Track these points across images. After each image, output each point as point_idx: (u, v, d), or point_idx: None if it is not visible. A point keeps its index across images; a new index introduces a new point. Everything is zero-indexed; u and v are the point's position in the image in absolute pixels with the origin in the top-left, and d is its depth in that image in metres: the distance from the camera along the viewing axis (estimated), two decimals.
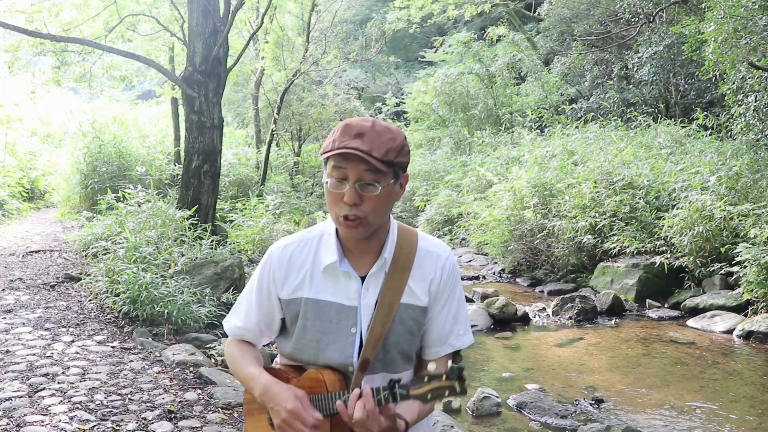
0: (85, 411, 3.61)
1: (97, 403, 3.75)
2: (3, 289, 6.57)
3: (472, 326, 6.50)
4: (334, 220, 1.51)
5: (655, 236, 7.80)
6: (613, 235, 8.06)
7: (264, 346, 1.76)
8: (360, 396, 1.40)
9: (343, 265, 1.53)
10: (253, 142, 17.76)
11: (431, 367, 1.37)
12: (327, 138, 1.48)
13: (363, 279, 1.54)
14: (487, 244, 10.03)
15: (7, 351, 4.61)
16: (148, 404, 3.79)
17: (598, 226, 8.23)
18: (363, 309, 1.53)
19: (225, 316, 5.89)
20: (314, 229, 1.63)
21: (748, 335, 5.94)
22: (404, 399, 1.38)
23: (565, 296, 7.19)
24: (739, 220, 6.96)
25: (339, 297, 1.53)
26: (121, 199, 8.59)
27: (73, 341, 4.97)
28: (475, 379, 5.06)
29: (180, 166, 10.98)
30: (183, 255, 6.56)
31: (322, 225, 1.63)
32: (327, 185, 1.47)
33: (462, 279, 8.03)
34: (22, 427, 3.33)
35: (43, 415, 3.51)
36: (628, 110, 13.15)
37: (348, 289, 1.54)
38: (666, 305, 7.31)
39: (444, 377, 1.34)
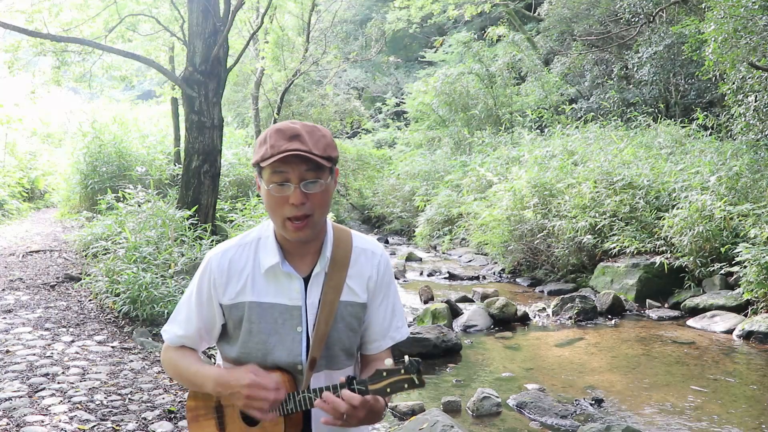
0: (85, 411, 3.61)
1: (97, 403, 3.75)
2: (3, 289, 6.57)
3: (473, 326, 6.54)
4: (278, 225, 1.51)
5: (655, 236, 7.80)
6: (613, 235, 8.06)
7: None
8: (334, 392, 1.43)
9: (285, 266, 1.55)
10: (253, 142, 17.75)
11: (388, 362, 1.41)
12: (258, 146, 1.49)
13: (305, 279, 1.56)
14: (487, 244, 10.03)
15: (7, 351, 4.61)
16: (148, 404, 3.79)
17: (598, 226, 8.23)
18: (309, 309, 1.55)
19: None
20: (251, 233, 1.63)
21: (748, 335, 5.94)
22: (363, 394, 1.40)
23: (565, 296, 7.19)
24: (739, 220, 6.95)
25: (282, 298, 1.55)
26: (121, 199, 8.59)
27: (73, 341, 4.97)
28: (475, 379, 5.06)
29: (180, 166, 10.98)
30: (183, 255, 6.56)
31: (258, 229, 1.63)
32: (269, 191, 1.47)
33: (462, 279, 7.95)
34: (22, 427, 3.33)
35: (43, 415, 3.51)
36: (628, 110, 13.15)
37: (290, 290, 1.55)
38: (666, 305, 7.31)
39: (402, 371, 1.38)
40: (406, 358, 1.38)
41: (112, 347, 4.90)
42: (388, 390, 1.39)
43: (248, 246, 1.59)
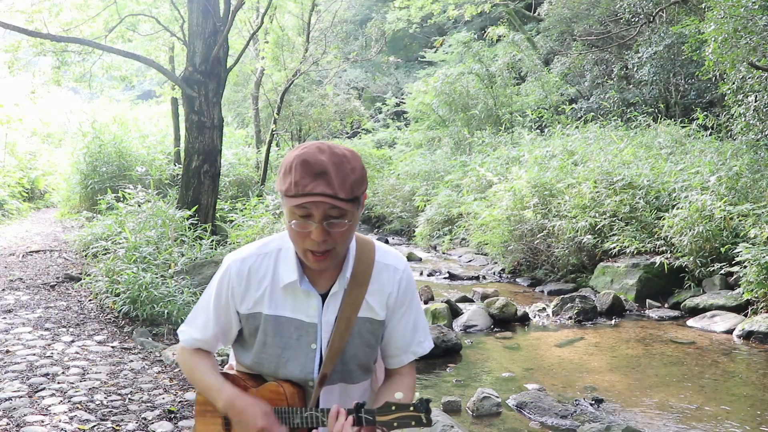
0: (85, 411, 3.61)
1: (97, 403, 3.75)
2: (3, 289, 6.57)
3: (473, 326, 6.53)
4: (300, 254, 1.49)
5: (655, 236, 7.80)
6: (613, 235, 8.06)
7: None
8: (337, 415, 1.43)
9: (304, 284, 1.53)
10: (253, 142, 17.76)
11: (398, 395, 1.40)
12: (282, 174, 1.42)
13: (323, 296, 1.54)
14: (487, 244, 10.03)
15: (7, 351, 4.61)
16: (148, 404, 3.79)
17: (598, 226, 8.22)
18: (324, 326, 1.53)
19: None
20: (271, 242, 1.60)
21: (748, 335, 5.94)
22: (369, 424, 1.40)
23: (565, 296, 7.18)
24: (739, 220, 6.95)
25: (299, 314, 1.54)
26: (121, 199, 8.59)
27: (73, 341, 4.97)
28: (475, 379, 5.06)
29: (180, 166, 10.99)
30: (183, 255, 6.56)
31: (279, 238, 1.60)
32: (291, 225, 1.43)
33: (462, 279, 7.95)
34: (22, 427, 3.33)
35: (43, 415, 3.51)
36: (628, 110, 13.15)
37: (308, 307, 1.53)
38: (666, 305, 7.31)
39: (411, 408, 1.38)
40: (417, 395, 1.40)
41: (112, 347, 4.90)
42: (395, 424, 1.39)
43: (269, 256, 1.57)
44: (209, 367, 1.62)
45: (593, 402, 4.45)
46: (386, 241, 14.44)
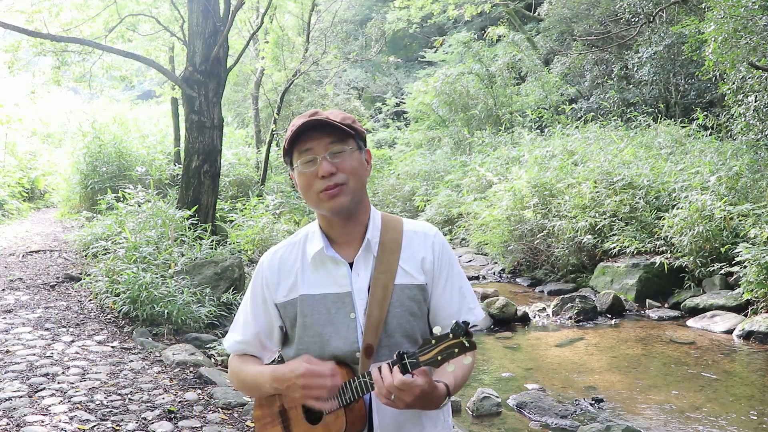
0: (85, 411, 3.61)
1: (97, 403, 3.75)
2: (3, 289, 6.57)
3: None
4: (315, 204, 1.52)
5: (655, 236, 7.80)
6: (613, 235, 8.06)
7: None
8: (381, 371, 1.39)
9: (330, 250, 1.55)
10: (253, 142, 17.75)
11: (437, 330, 1.36)
12: (286, 137, 1.54)
13: (351, 265, 1.55)
14: (487, 244, 10.03)
15: (7, 351, 4.61)
16: (148, 404, 3.79)
17: (598, 226, 8.22)
18: (356, 293, 1.53)
19: (225, 315, 5.89)
20: (299, 232, 1.65)
21: (748, 335, 5.94)
22: (415, 367, 1.36)
23: (565, 296, 7.19)
24: (739, 220, 6.95)
25: (331, 287, 1.54)
26: (121, 199, 8.59)
27: (73, 341, 4.97)
28: (475, 379, 5.06)
29: (180, 166, 10.98)
30: (183, 255, 6.56)
31: (306, 227, 1.65)
32: (297, 171, 1.51)
33: None
34: (22, 427, 3.33)
35: (43, 415, 3.51)
36: (628, 110, 13.14)
37: (338, 276, 1.54)
38: (666, 305, 7.31)
39: (451, 335, 1.33)
40: (453, 321, 1.34)
41: (112, 347, 4.90)
42: (440, 358, 1.34)
43: (297, 243, 1.62)
44: (252, 362, 1.63)
45: (593, 402, 4.45)
46: None
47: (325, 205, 1.50)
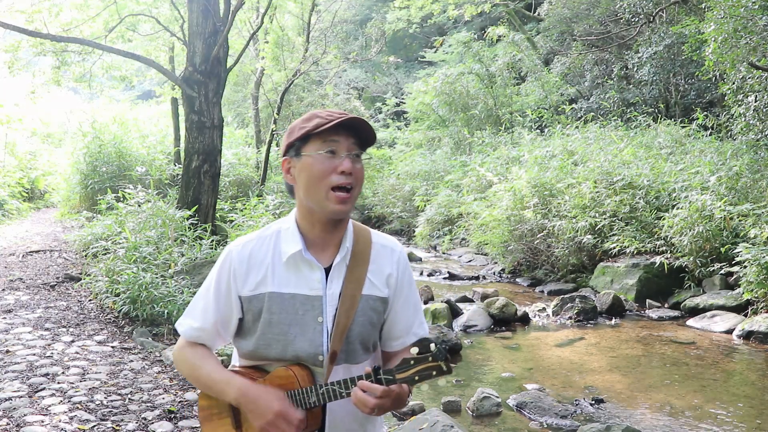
0: (85, 411, 3.61)
1: (97, 403, 3.75)
2: (3, 289, 6.57)
3: (473, 326, 6.54)
4: (321, 198, 1.50)
5: (655, 236, 7.80)
6: (613, 235, 8.06)
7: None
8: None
9: (307, 254, 1.54)
10: (253, 142, 17.76)
11: (414, 350, 1.40)
12: (299, 127, 1.52)
13: (326, 270, 1.56)
14: (487, 244, 10.03)
15: (7, 351, 4.61)
16: (148, 404, 3.79)
17: (598, 226, 8.22)
18: (329, 299, 1.54)
19: None
20: (271, 226, 1.63)
21: (748, 335, 5.94)
22: (389, 383, 1.40)
23: (565, 296, 7.19)
24: (739, 220, 6.95)
25: (302, 288, 1.54)
26: (121, 199, 8.59)
27: (73, 341, 4.97)
28: (475, 379, 5.06)
29: (180, 166, 10.98)
30: (183, 255, 6.56)
31: (277, 222, 1.63)
32: (316, 159, 1.49)
33: (462, 279, 7.95)
34: (22, 427, 3.33)
35: (43, 415, 3.51)
36: (628, 110, 13.14)
37: (311, 279, 1.54)
38: (666, 305, 7.31)
39: (430, 358, 1.38)
40: (433, 345, 1.38)
41: (112, 347, 4.90)
42: (417, 378, 1.39)
43: (269, 238, 1.60)
44: (214, 363, 1.59)
45: (593, 402, 4.45)
46: None
47: (332, 206, 1.50)
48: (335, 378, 1.51)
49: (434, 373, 1.38)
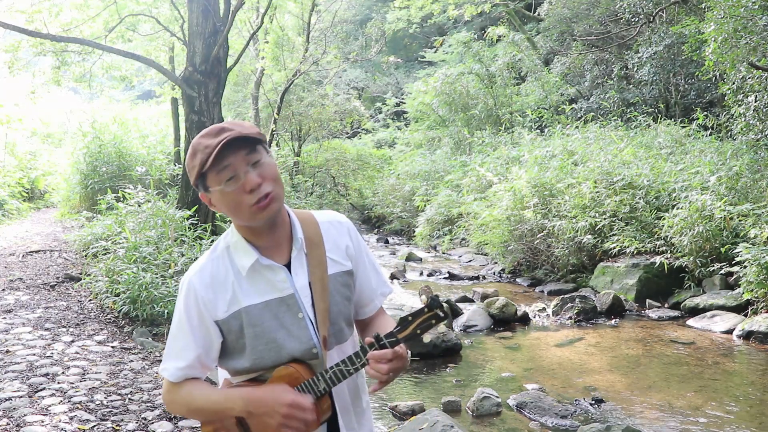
0: (85, 411, 3.61)
1: (97, 403, 3.75)
2: (3, 289, 6.57)
3: (473, 326, 6.54)
4: (246, 218, 1.50)
5: (655, 236, 7.80)
6: (613, 235, 8.06)
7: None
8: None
9: (264, 260, 1.54)
10: None
11: (408, 310, 1.44)
12: (190, 165, 1.49)
13: (288, 267, 1.56)
14: (487, 244, 10.03)
15: (7, 351, 4.61)
16: (148, 404, 3.79)
17: (598, 226, 8.22)
18: (300, 292, 1.55)
19: None
20: (217, 246, 1.61)
21: (748, 335, 5.94)
22: (394, 345, 1.44)
23: (565, 296, 7.18)
24: (739, 220, 6.95)
25: (272, 293, 1.54)
26: (121, 199, 8.59)
27: (73, 341, 4.97)
28: (475, 379, 5.06)
29: (180, 166, 10.98)
30: (183, 255, 6.56)
31: (221, 239, 1.62)
32: (223, 191, 1.47)
33: (462, 279, 7.95)
34: (22, 427, 3.33)
35: (43, 415, 3.51)
36: (628, 110, 13.14)
37: (276, 281, 1.54)
38: (666, 305, 7.31)
39: (426, 309, 1.42)
40: (423, 296, 1.44)
41: (112, 347, 4.90)
42: (419, 332, 1.42)
43: (221, 257, 1.58)
44: (203, 388, 1.58)
45: (593, 402, 4.45)
46: (386, 241, 14.44)
47: (260, 216, 1.49)
48: (331, 362, 1.53)
49: (434, 321, 1.42)
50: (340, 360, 1.49)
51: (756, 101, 8.70)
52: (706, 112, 11.66)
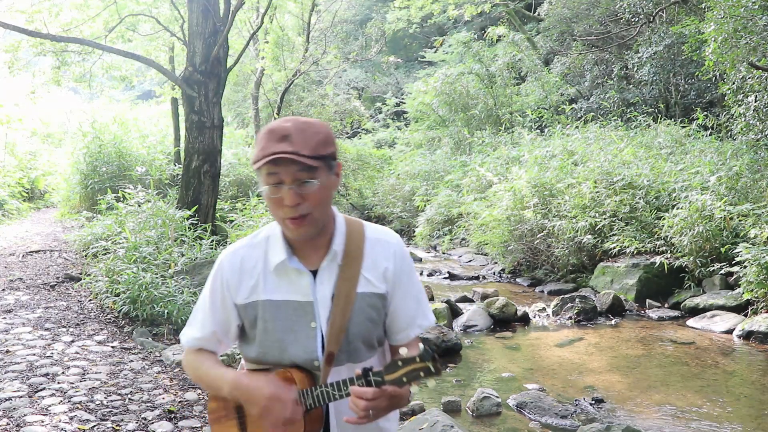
0: (85, 411, 3.61)
1: (97, 403, 3.75)
2: (3, 289, 6.57)
3: (473, 326, 6.54)
4: (280, 224, 1.52)
5: (655, 236, 7.80)
6: (613, 235, 8.06)
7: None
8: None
9: (292, 262, 1.54)
10: (253, 142, 17.76)
11: (403, 351, 1.41)
12: (255, 147, 1.48)
13: (314, 273, 1.55)
14: (487, 244, 10.02)
15: (7, 351, 4.61)
16: (148, 404, 3.79)
17: (598, 226, 8.22)
18: (320, 302, 1.53)
19: None
20: (261, 232, 1.63)
21: (748, 335, 5.94)
22: (379, 385, 1.39)
23: (565, 296, 7.18)
24: (739, 220, 6.95)
25: (293, 294, 1.54)
26: (121, 199, 8.59)
27: (73, 341, 4.97)
28: (475, 379, 5.06)
29: (180, 166, 10.98)
30: (183, 255, 6.56)
31: (266, 228, 1.63)
32: (265, 193, 1.47)
33: (462, 279, 7.95)
34: (22, 427, 3.33)
35: (43, 415, 3.51)
36: (628, 110, 13.14)
37: (301, 285, 1.54)
38: (666, 305, 7.31)
39: (417, 359, 1.36)
40: (421, 345, 1.37)
41: (112, 347, 4.90)
42: (405, 380, 1.38)
43: (258, 245, 1.59)
44: (212, 361, 1.63)
45: (593, 402, 4.45)
46: None
47: (290, 232, 1.50)
48: (338, 378, 1.51)
49: (422, 374, 1.36)
50: (335, 382, 1.48)
51: (756, 101, 8.70)
52: (706, 112, 11.67)
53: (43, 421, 3.42)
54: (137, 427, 3.45)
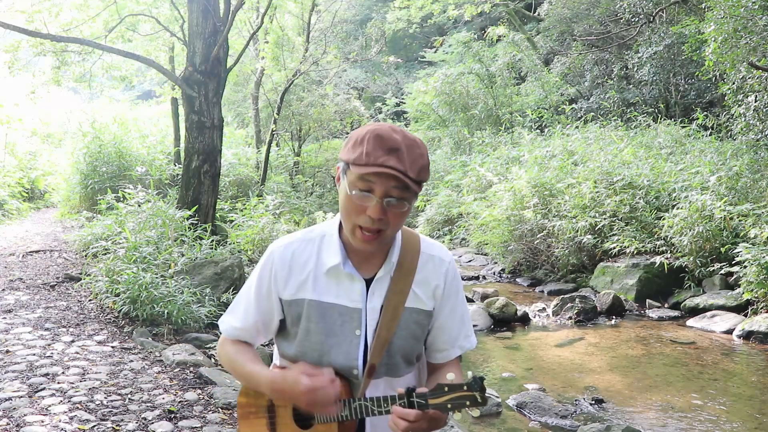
0: (85, 411, 3.61)
1: (97, 403, 3.75)
2: (3, 289, 6.56)
3: (473, 326, 6.53)
4: (348, 230, 1.47)
5: (655, 236, 7.80)
6: (613, 235, 8.06)
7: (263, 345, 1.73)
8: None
9: (347, 267, 1.50)
10: (253, 142, 17.76)
11: (450, 377, 1.36)
12: (352, 145, 1.42)
13: (367, 281, 1.52)
14: (487, 244, 10.03)
15: (7, 351, 4.61)
16: (148, 404, 3.79)
17: (598, 226, 8.22)
18: (369, 313, 1.50)
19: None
20: (315, 229, 1.59)
21: (748, 335, 5.94)
22: (422, 408, 1.35)
23: (565, 296, 7.19)
24: (739, 220, 6.96)
25: (343, 299, 1.51)
26: (121, 199, 8.58)
27: (73, 341, 4.97)
28: None
29: (180, 166, 10.98)
30: (183, 255, 6.56)
31: (323, 225, 1.59)
32: (351, 195, 1.41)
33: (462, 279, 8.02)
34: (22, 427, 3.33)
35: (43, 415, 3.51)
36: (628, 110, 13.15)
37: (352, 291, 1.51)
38: (666, 305, 7.31)
39: (465, 387, 1.33)
40: (470, 373, 1.34)
41: (112, 347, 4.90)
42: (449, 406, 1.34)
43: (312, 242, 1.55)
44: (251, 356, 1.59)
45: (593, 402, 4.45)
46: None
47: (357, 242, 1.46)
48: (375, 391, 1.49)
49: (468, 403, 1.33)
50: (377, 396, 1.44)
51: (756, 101, 8.71)
52: (706, 112, 11.67)
53: (43, 421, 3.42)
54: (137, 427, 3.45)
